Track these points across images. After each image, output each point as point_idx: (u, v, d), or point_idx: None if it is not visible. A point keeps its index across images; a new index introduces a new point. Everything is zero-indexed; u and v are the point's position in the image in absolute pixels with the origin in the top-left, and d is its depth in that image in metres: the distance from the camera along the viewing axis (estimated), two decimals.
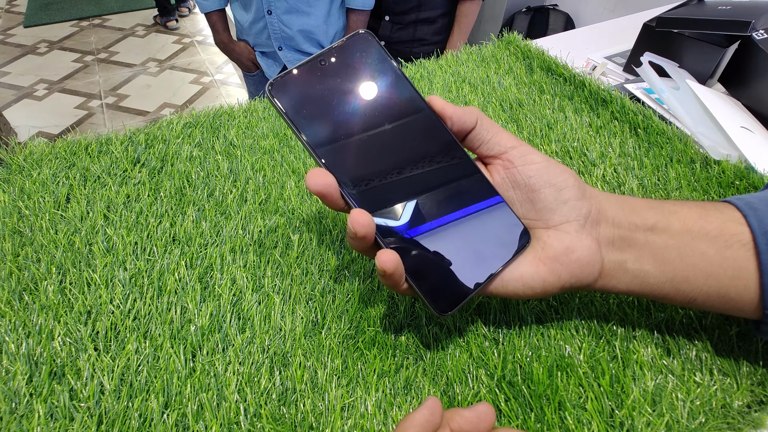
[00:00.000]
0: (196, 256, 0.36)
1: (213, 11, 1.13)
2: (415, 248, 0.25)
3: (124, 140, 0.48)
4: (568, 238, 0.25)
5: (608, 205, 0.27)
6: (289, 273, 0.36)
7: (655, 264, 0.26)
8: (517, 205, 0.27)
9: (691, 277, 0.26)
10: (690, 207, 0.27)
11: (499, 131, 0.27)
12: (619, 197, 0.28)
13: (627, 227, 0.26)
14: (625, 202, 0.27)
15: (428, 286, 0.25)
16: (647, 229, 0.26)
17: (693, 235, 0.26)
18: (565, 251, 0.25)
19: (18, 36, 3.07)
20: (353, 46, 0.27)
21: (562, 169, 0.26)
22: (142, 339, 0.31)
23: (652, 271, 0.26)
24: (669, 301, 0.27)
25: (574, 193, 0.25)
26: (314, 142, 0.25)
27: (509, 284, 0.26)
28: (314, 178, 0.24)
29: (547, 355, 0.30)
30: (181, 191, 0.42)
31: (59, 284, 0.34)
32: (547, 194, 0.26)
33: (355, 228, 0.23)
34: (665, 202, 0.28)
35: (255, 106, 0.54)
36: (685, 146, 0.46)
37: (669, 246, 0.26)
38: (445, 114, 0.26)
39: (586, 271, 0.25)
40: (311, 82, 0.26)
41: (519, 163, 0.26)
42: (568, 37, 0.78)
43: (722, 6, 0.56)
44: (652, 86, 0.53)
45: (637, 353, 0.31)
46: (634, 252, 0.26)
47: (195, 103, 2.47)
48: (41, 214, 0.39)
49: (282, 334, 0.32)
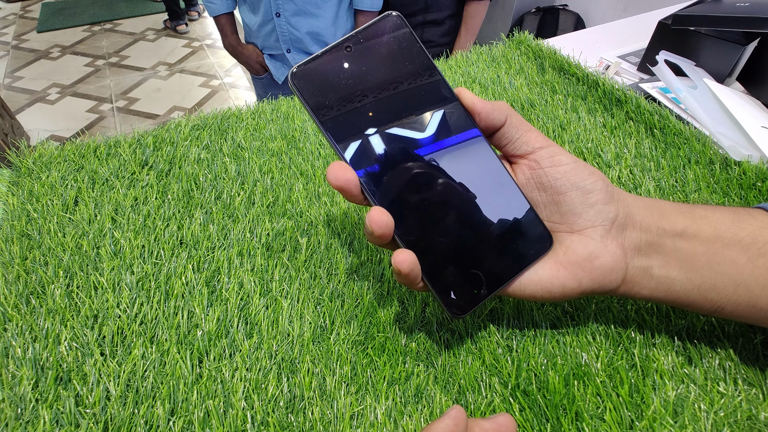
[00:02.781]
0: (204, 260, 0.36)
1: (222, 14, 1.14)
2: (433, 247, 0.24)
3: (133, 143, 0.48)
4: (593, 243, 0.24)
5: (636, 208, 0.25)
6: (297, 277, 0.35)
7: (682, 271, 0.25)
8: (541, 207, 0.26)
9: (720, 285, 0.25)
10: (722, 212, 0.26)
11: (528, 130, 0.26)
12: (648, 200, 0.27)
13: (655, 232, 0.25)
14: (654, 206, 0.26)
15: (444, 286, 0.25)
16: (676, 234, 0.25)
17: (724, 242, 0.25)
18: (588, 257, 0.24)
19: (31, 41, 3.12)
20: (382, 31, 0.25)
21: (590, 171, 0.25)
22: (149, 344, 0.30)
23: (679, 278, 0.25)
24: (694, 309, 0.26)
25: (601, 197, 0.24)
26: (336, 135, 0.24)
27: (527, 287, 0.25)
28: (335, 172, 0.23)
29: (563, 363, 0.29)
30: (188, 194, 0.42)
31: (66, 288, 0.34)
32: (573, 197, 0.25)
33: (373, 227, 0.22)
34: (696, 207, 0.27)
35: (263, 108, 0.54)
36: (704, 147, 0.44)
37: (698, 252, 0.25)
38: (475, 109, 0.25)
39: (609, 277, 0.24)
40: (336, 70, 0.24)
41: (546, 164, 0.25)
42: (580, 37, 0.77)
43: (740, 3, 0.54)
44: (669, 85, 0.52)
45: (657, 361, 0.29)
46: (661, 258, 0.25)
47: (204, 106, 2.49)
48: (49, 217, 0.39)
49: (290, 340, 0.31)
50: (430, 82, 0.25)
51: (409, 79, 0.25)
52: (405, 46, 0.25)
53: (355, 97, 0.24)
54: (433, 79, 0.25)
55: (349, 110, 0.24)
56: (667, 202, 0.27)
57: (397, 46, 0.25)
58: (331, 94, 0.24)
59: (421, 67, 0.25)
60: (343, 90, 0.24)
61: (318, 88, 0.24)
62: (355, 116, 0.24)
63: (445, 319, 0.32)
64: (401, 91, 0.25)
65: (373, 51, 0.24)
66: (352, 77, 0.24)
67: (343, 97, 0.24)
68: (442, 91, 0.25)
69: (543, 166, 0.25)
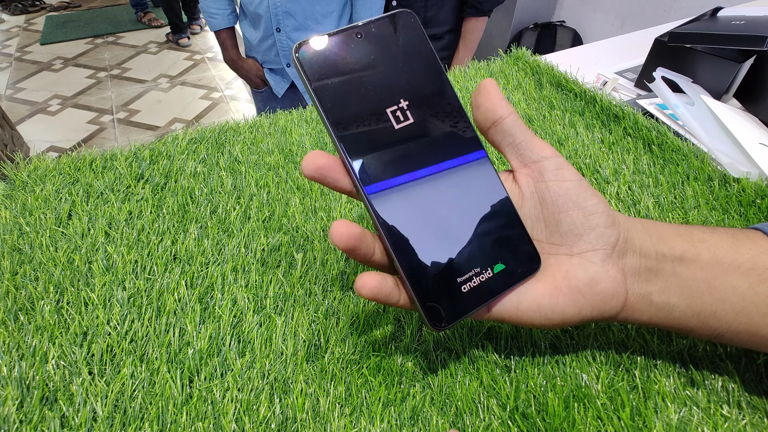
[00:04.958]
0: (197, 275, 0.35)
1: (222, 29, 1.15)
2: (417, 253, 0.24)
3: (129, 156, 0.47)
4: (593, 267, 0.24)
5: (635, 232, 0.25)
6: (291, 293, 0.35)
7: (681, 297, 0.24)
8: (541, 225, 0.25)
9: (720, 312, 0.24)
10: (720, 235, 0.25)
11: (533, 137, 0.25)
12: (646, 223, 0.26)
13: (654, 257, 0.24)
14: (652, 229, 0.26)
15: (425, 295, 0.24)
16: (675, 259, 0.24)
17: (724, 268, 0.24)
18: (589, 282, 0.24)
19: (34, 53, 3.15)
20: (394, 24, 0.24)
21: (593, 192, 0.24)
22: (138, 362, 0.30)
23: (679, 305, 0.24)
24: (694, 335, 0.26)
25: (603, 220, 0.24)
26: (333, 119, 0.23)
27: (525, 313, 0.24)
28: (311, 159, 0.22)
29: (562, 384, 0.29)
30: (183, 208, 0.42)
31: (56, 304, 0.33)
32: (575, 217, 0.24)
33: (335, 240, 0.22)
34: (694, 229, 0.26)
35: (261, 122, 0.54)
36: (702, 163, 0.44)
37: (697, 278, 0.24)
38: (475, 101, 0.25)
39: (610, 304, 0.24)
40: (343, 52, 0.23)
41: (550, 177, 0.24)
42: (577, 53, 0.77)
43: (736, 21, 0.55)
44: (666, 102, 0.52)
45: (659, 383, 0.29)
46: (661, 283, 0.24)
47: (204, 117, 2.50)
48: (42, 231, 0.38)
49: (283, 359, 0.30)
50: (435, 82, 0.25)
51: (416, 77, 0.24)
52: (415, 43, 0.24)
53: (358, 85, 0.23)
54: (438, 79, 0.25)
55: (350, 97, 0.23)
56: (664, 224, 0.27)
57: (407, 41, 0.24)
58: (334, 77, 0.23)
59: (429, 67, 0.25)
60: (347, 74, 0.23)
61: (322, 68, 0.23)
62: (354, 104, 0.23)
63: (442, 337, 0.32)
64: (404, 88, 0.24)
65: (383, 42, 0.24)
66: (358, 64, 0.23)
67: (346, 81, 0.23)
68: (445, 91, 0.25)
69: (546, 179, 0.24)
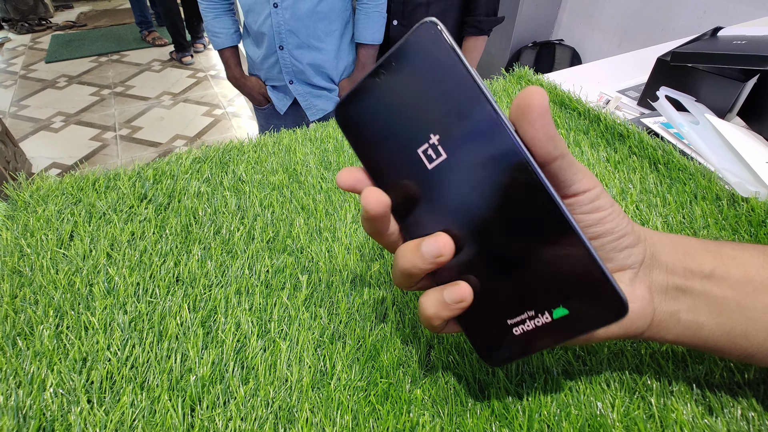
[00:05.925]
0: (200, 298, 0.35)
1: (226, 48, 1.16)
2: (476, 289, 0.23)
3: (132, 176, 0.47)
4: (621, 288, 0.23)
5: (661, 247, 0.24)
6: (296, 317, 0.34)
7: (711, 316, 0.24)
8: None
9: (751, 332, 0.23)
10: (751, 252, 0.25)
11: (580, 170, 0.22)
12: (672, 237, 0.25)
13: (682, 274, 0.24)
14: (679, 245, 0.25)
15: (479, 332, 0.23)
16: (704, 276, 0.24)
17: (755, 286, 0.23)
18: None
19: (39, 71, 3.18)
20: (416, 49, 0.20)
21: (623, 215, 0.23)
22: (139, 390, 0.29)
23: (708, 324, 0.24)
24: (722, 354, 0.25)
25: (630, 240, 0.23)
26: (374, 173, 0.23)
27: None
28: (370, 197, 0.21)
29: (577, 413, 0.28)
30: (187, 228, 0.41)
31: (55, 328, 0.32)
32: (605, 242, 0.23)
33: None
34: (723, 245, 0.25)
35: (264, 141, 0.54)
36: (710, 182, 0.44)
37: (727, 297, 0.23)
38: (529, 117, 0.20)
39: (637, 323, 0.23)
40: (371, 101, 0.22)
41: (586, 209, 0.22)
42: (579, 72, 0.78)
43: (737, 41, 0.55)
44: (671, 121, 0.52)
45: (676, 411, 0.28)
46: (689, 301, 0.24)
47: (206, 134, 2.51)
48: (43, 252, 0.38)
49: (288, 386, 0.30)
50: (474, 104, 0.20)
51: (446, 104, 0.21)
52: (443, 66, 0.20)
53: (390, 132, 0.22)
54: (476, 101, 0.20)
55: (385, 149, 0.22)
56: (691, 239, 0.26)
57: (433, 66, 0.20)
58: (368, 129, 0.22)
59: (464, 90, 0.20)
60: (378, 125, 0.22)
61: (356, 124, 0.23)
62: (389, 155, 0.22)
63: (451, 363, 0.31)
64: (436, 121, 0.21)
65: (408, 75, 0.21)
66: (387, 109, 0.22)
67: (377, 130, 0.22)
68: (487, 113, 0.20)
69: (584, 212, 0.22)
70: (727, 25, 0.74)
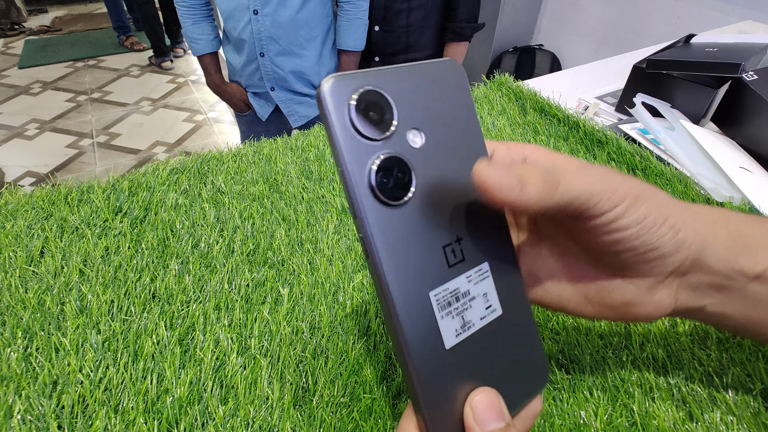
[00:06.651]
0: (177, 315, 0.34)
1: (205, 54, 1.14)
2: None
3: (107, 188, 0.46)
4: (634, 293, 0.21)
5: (713, 249, 0.21)
6: (277, 332, 0.33)
7: (741, 309, 0.22)
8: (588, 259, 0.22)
9: None
10: None
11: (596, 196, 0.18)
12: (738, 228, 0.22)
13: (726, 275, 0.21)
14: (740, 241, 0.21)
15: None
16: (752, 277, 0.21)
17: None
18: (625, 305, 0.21)
19: (12, 77, 3.09)
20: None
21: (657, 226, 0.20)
22: (113, 413, 0.28)
23: (734, 315, 0.22)
24: (737, 334, 0.24)
25: (664, 251, 0.20)
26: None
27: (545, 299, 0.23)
28: None
29: (561, 423, 0.28)
30: (164, 242, 0.40)
31: (24, 351, 0.31)
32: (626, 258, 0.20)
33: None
34: None
35: (245, 151, 0.53)
36: (686, 187, 0.45)
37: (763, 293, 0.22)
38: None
39: (641, 319, 0.22)
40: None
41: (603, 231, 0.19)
42: (558, 78, 0.79)
43: (709, 48, 0.56)
44: (648, 127, 0.53)
45: (658, 418, 0.28)
46: (721, 297, 0.22)
47: (187, 140, 2.47)
48: (11, 270, 0.36)
49: (269, 404, 0.29)
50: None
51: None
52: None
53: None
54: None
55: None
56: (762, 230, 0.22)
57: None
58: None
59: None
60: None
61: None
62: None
63: None
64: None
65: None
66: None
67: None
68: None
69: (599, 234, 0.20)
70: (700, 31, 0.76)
